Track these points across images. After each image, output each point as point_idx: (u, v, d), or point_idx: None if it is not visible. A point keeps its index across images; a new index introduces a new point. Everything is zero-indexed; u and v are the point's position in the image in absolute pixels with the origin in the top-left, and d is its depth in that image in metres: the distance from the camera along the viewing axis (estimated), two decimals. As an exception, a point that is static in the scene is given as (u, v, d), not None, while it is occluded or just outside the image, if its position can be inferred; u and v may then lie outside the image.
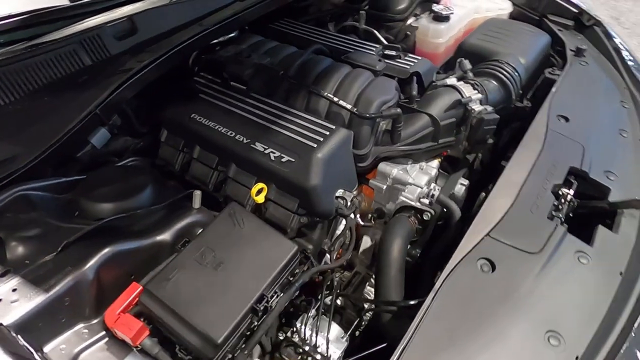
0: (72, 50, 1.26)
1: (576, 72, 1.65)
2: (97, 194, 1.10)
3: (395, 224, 1.25)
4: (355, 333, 1.20)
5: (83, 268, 0.94)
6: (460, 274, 1.00)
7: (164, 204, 1.15)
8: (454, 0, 1.96)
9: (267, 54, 1.54)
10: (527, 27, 1.82)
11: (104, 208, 1.09)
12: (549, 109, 1.45)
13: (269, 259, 0.99)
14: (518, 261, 1.03)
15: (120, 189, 1.14)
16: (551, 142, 1.34)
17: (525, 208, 1.15)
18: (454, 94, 1.41)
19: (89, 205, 1.08)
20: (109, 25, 1.33)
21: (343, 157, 1.28)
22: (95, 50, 1.30)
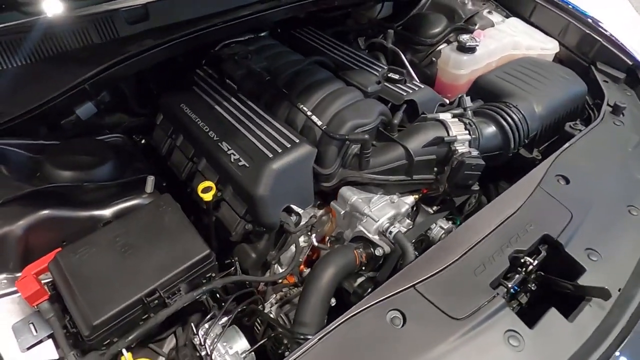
0: (84, 27, 1.36)
1: (603, 130, 1.45)
2: (60, 160, 1.19)
3: (334, 252, 1.19)
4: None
5: (14, 224, 1.02)
6: (364, 320, 0.93)
7: (116, 182, 1.21)
8: (493, 33, 1.82)
9: (269, 58, 1.55)
10: (563, 72, 1.63)
11: (61, 174, 1.17)
12: (550, 165, 1.30)
13: (177, 256, 1.00)
14: (435, 323, 0.94)
15: (83, 160, 1.21)
16: (535, 201, 1.20)
17: (470, 268, 1.03)
18: (439, 130, 1.31)
19: (49, 169, 1.17)
20: (124, 9, 1.43)
21: (300, 173, 1.25)
22: (105, 30, 1.40)
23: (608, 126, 1.47)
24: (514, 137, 1.36)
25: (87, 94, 1.32)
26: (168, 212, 1.07)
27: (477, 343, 0.91)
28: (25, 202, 1.06)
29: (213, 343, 1.04)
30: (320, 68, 1.53)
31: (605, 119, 1.49)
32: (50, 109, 1.26)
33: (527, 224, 1.14)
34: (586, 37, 1.76)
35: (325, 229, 1.45)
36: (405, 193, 1.39)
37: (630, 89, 1.66)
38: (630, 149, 1.40)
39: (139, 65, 1.40)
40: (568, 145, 1.36)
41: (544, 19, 1.89)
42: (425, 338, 0.91)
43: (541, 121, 1.45)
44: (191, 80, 1.54)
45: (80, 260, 0.96)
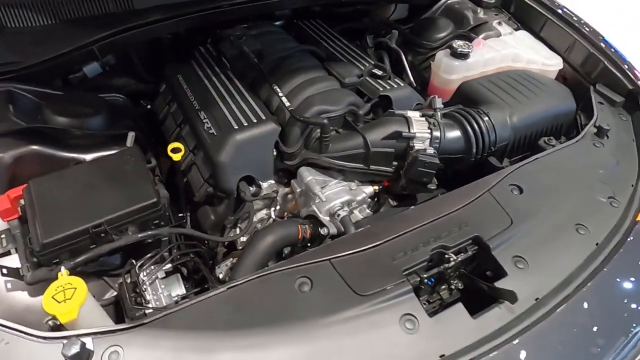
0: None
1: (578, 150, 1.42)
2: (58, 107, 1.36)
3: (278, 223, 1.28)
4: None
5: (5, 152, 1.20)
6: (274, 280, 1.02)
7: (102, 133, 1.37)
8: (494, 43, 1.81)
9: (265, 42, 1.66)
10: (556, 89, 1.61)
11: (56, 119, 1.34)
12: (509, 174, 1.30)
13: (127, 198, 1.13)
14: (338, 295, 1.00)
15: (78, 110, 1.38)
16: (479, 205, 1.22)
17: (390, 253, 1.08)
18: (402, 125, 1.36)
19: (47, 113, 1.34)
20: (143, -19, 1.59)
21: (261, 147, 1.35)
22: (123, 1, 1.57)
23: (585, 146, 1.44)
24: (477, 144, 1.37)
25: (95, 54, 1.50)
26: (131, 161, 1.21)
27: (371, 319, 0.96)
28: (19, 136, 1.24)
29: (153, 282, 1.17)
30: (308, 56, 1.62)
31: (584, 139, 1.46)
32: (61, 63, 1.45)
33: (463, 224, 1.17)
34: (591, 56, 1.72)
35: (289, 207, 1.54)
36: (366, 183, 1.45)
37: (626, 114, 1.61)
38: (601, 171, 1.37)
39: (144, 36, 1.56)
40: (533, 158, 1.36)
41: (553, 34, 1.86)
42: (324, 307, 0.98)
43: (514, 132, 1.45)
44: (192, 56, 1.68)
45: (47, 189, 1.12)
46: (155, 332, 0.92)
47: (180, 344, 0.90)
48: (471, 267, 1.17)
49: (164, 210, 1.20)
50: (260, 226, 1.47)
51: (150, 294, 1.17)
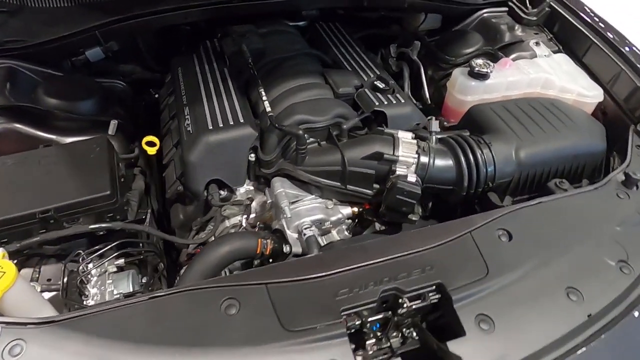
0: None
1: (595, 198, 1.21)
2: (50, 88, 1.39)
3: (236, 234, 1.21)
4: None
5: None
6: (200, 297, 0.94)
7: (87, 118, 1.37)
8: (523, 65, 1.61)
9: (270, 41, 1.59)
10: (585, 124, 1.39)
11: (46, 99, 1.36)
12: (500, 216, 1.14)
13: (81, 188, 1.11)
14: (264, 324, 0.91)
15: (70, 92, 1.40)
16: (454, 247, 1.07)
17: (334, 288, 0.97)
18: (386, 146, 1.23)
19: (39, 93, 1.37)
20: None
21: (234, 151, 1.28)
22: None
23: (606, 195, 1.22)
24: (470, 176, 1.21)
25: (97, 39, 1.51)
26: (96, 151, 1.19)
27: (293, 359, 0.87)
28: (4, 113, 1.27)
29: (102, 275, 1.15)
30: (309, 60, 1.53)
31: (607, 187, 1.24)
32: (62, 45, 1.48)
33: (428, 266, 1.02)
34: (637, 91, 1.48)
35: (267, 216, 1.46)
36: (345, 203, 1.34)
37: (669, 165, 1.36)
38: (618, 228, 1.16)
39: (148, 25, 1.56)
40: (536, 201, 1.18)
41: (597, 61, 1.62)
42: (246, 335, 0.89)
43: (520, 169, 1.27)
44: (197, 49, 1.65)
45: (9, 168, 1.13)
46: (64, 332, 0.88)
47: (84, 350, 0.86)
48: (434, 316, 1.03)
49: (120, 203, 1.17)
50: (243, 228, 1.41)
51: (94, 287, 1.15)
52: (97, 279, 1.17)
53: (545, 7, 1.78)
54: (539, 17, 1.81)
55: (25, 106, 1.29)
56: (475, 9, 1.88)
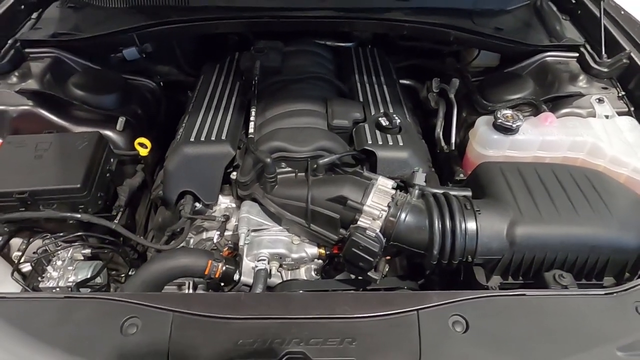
0: None
1: (602, 307, 0.96)
2: (78, 80, 1.52)
3: (189, 250, 1.20)
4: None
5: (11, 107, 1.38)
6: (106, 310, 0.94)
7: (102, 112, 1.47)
8: (572, 124, 1.34)
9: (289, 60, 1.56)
10: (624, 210, 1.10)
11: (71, 90, 1.50)
12: (462, 299, 0.95)
13: (58, 177, 1.19)
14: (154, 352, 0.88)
15: (93, 87, 1.51)
16: (391, 323, 0.92)
17: (237, 335, 0.90)
18: (355, 191, 1.11)
19: (68, 83, 1.51)
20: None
21: (209, 166, 1.27)
22: (181, 0, 1.66)
23: (620, 306, 0.96)
24: (443, 245, 1.04)
25: (134, 40, 1.62)
26: (84, 145, 1.27)
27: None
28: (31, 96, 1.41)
29: (65, 261, 1.22)
30: (320, 85, 1.47)
31: (626, 296, 0.97)
32: (104, 42, 1.61)
33: (350, 338, 0.90)
34: None
35: (241, 237, 1.42)
36: (314, 243, 1.25)
37: None
38: (619, 354, 0.89)
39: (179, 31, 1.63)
40: (518, 293, 0.97)
41: (673, 134, 1.29)
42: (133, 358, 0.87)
43: (513, 248, 1.05)
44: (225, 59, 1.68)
45: (9, 147, 1.26)
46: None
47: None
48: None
49: (93, 197, 1.23)
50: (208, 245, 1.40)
51: (56, 270, 1.22)
52: (63, 264, 1.25)
53: (622, 59, 1.47)
54: (612, 70, 1.50)
55: (47, 93, 1.43)
56: (538, 51, 1.63)
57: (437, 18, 1.66)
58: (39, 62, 1.55)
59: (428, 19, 1.64)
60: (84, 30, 1.61)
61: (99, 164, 1.28)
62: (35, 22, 1.68)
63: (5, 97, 1.41)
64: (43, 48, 1.58)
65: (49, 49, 1.58)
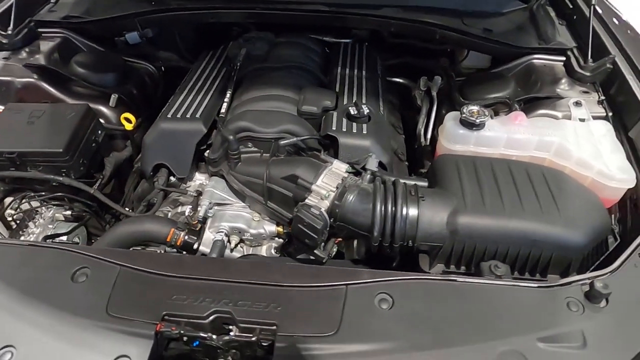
0: None
1: (527, 298, 0.96)
2: (81, 59, 1.64)
3: (155, 217, 1.29)
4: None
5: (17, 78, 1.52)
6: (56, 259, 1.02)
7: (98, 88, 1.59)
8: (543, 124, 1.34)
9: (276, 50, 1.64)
10: (578, 212, 1.09)
11: (73, 67, 1.62)
12: (392, 279, 0.98)
13: (43, 141, 1.32)
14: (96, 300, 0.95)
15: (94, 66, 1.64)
16: (319, 295, 0.96)
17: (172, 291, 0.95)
18: (308, 171, 1.16)
19: (71, 62, 1.64)
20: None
21: (181, 142, 1.36)
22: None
23: (550, 300, 0.96)
24: (383, 227, 1.07)
25: (135, 25, 1.74)
26: (72, 115, 1.38)
27: (95, 342, 0.88)
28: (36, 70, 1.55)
29: (44, 219, 1.34)
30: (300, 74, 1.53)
31: (558, 291, 0.97)
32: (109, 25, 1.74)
33: (276, 304, 0.94)
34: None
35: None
36: (273, 221, 1.30)
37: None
38: (540, 344, 0.90)
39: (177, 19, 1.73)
40: (449, 278, 0.99)
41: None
42: (74, 305, 0.94)
43: (453, 237, 1.07)
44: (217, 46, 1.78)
45: (8, 113, 1.39)
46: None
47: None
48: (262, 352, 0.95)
49: (75, 162, 1.34)
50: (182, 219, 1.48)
51: (37, 227, 1.34)
52: (44, 222, 1.36)
53: (606, 63, 1.45)
54: (595, 74, 1.48)
55: (51, 69, 1.56)
56: (525, 53, 1.63)
57: (427, 16, 1.68)
58: (49, 41, 1.69)
59: (416, 16, 1.67)
60: (93, 14, 1.74)
61: (85, 133, 1.39)
62: (52, 5, 1.83)
63: (13, 70, 1.55)
64: (55, 28, 1.73)
65: (59, 30, 1.72)
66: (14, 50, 1.62)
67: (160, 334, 0.90)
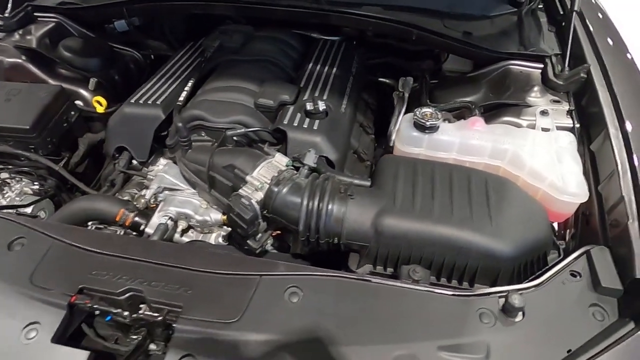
0: None
1: (439, 305, 0.94)
2: (68, 43, 1.72)
3: (105, 197, 1.34)
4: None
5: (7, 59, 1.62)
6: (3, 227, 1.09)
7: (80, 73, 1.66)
8: (500, 132, 1.29)
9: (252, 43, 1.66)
10: (511, 224, 1.05)
11: (59, 50, 1.70)
12: (305, 274, 0.99)
13: (12, 117, 1.40)
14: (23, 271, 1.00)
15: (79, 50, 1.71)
16: (233, 282, 0.98)
17: (93, 265, 1.00)
18: (247, 162, 1.18)
19: (60, 45, 1.72)
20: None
21: (141, 127, 1.40)
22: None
23: (461, 310, 0.93)
24: (307, 222, 1.07)
25: (123, 14, 1.80)
26: (44, 96, 1.45)
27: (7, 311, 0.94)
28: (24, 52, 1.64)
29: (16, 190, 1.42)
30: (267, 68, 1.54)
31: (472, 302, 0.94)
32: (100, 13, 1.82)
33: (187, 287, 0.97)
34: (620, 203, 1.05)
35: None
36: (220, 210, 1.33)
37: (603, 311, 0.94)
38: (441, 354, 0.88)
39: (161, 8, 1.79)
40: (364, 278, 0.98)
41: (604, 154, 1.20)
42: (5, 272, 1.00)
43: (379, 239, 1.05)
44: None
45: (-8, 91, 1.48)
46: None
47: None
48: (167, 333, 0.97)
49: (43, 140, 1.41)
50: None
51: (4, 199, 1.42)
52: (12, 194, 1.44)
53: (580, 73, 1.39)
54: (568, 83, 1.42)
55: (38, 51, 1.65)
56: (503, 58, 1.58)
57: (407, 17, 1.66)
58: (43, 25, 1.78)
59: (395, 16, 1.65)
60: (86, 1, 1.83)
61: (56, 113, 1.46)
62: (50, -10, 1.93)
63: (4, 50, 1.65)
64: (50, 13, 1.82)
65: (54, 15, 1.81)
66: (9, 32, 1.73)
67: (74, 306, 0.95)
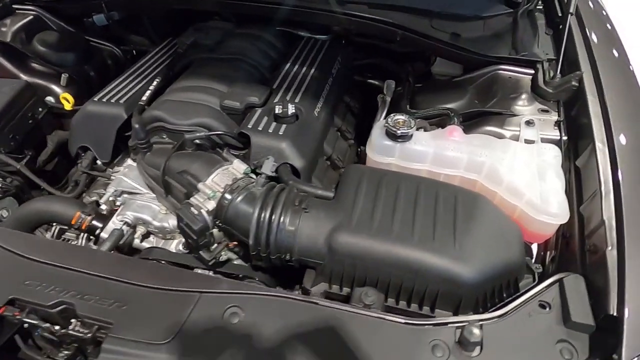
0: None
1: (392, 334, 0.86)
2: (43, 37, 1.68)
3: (63, 199, 1.29)
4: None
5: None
6: None
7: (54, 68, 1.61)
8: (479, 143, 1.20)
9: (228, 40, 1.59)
10: (478, 247, 0.96)
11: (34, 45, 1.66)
12: (249, 293, 0.93)
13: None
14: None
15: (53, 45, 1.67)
16: (171, 298, 0.92)
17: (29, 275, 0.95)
18: (202, 168, 1.11)
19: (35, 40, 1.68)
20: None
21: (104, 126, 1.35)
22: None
23: (413, 341, 0.85)
24: (257, 235, 1.00)
25: (102, 8, 1.75)
26: (6, 90, 1.42)
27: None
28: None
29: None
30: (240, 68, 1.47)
31: (425, 332, 0.86)
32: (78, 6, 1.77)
33: (121, 303, 0.91)
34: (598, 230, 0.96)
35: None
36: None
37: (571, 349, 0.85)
38: None
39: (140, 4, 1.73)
40: (308, 300, 0.91)
41: (589, 170, 1.10)
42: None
43: (333, 257, 0.97)
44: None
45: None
46: None
47: None
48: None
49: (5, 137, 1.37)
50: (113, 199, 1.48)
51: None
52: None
53: (571, 81, 1.28)
54: (558, 91, 1.31)
55: (10, 45, 1.61)
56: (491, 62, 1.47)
57: (392, 16, 1.57)
58: (20, 17, 1.74)
59: (379, 15, 1.56)
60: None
61: (20, 109, 1.42)
62: (32, -16, 1.89)
63: (-22, 43, 1.62)
64: (28, 6, 1.78)
65: (33, 8, 1.77)
66: (-14, 25, 1.69)
67: (3, 318, 0.90)
